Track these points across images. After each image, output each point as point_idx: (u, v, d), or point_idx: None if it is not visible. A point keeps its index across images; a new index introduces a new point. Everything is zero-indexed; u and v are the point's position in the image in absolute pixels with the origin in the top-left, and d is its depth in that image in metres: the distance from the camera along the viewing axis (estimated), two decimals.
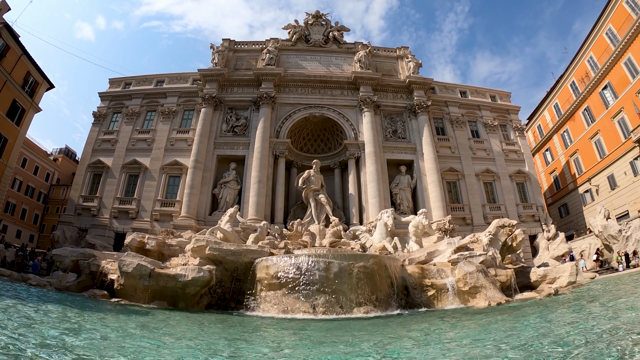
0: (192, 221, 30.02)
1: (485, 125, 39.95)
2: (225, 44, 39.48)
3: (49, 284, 16.43)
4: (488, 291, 15.06)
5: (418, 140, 35.44)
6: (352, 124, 35.81)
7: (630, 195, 34.91)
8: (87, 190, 34.45)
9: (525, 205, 36.23)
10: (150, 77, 41.11)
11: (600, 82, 39.06)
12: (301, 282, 14.16)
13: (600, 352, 4.70)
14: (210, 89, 35.94)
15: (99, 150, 36.35)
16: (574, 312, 9.98)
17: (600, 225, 27.44)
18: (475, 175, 36.56)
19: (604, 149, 39.24)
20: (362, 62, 37.89)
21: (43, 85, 37.72)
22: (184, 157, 34.44)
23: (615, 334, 5.82)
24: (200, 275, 14.86)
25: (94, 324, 8.40)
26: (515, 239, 20.47)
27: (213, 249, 16.82)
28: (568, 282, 16.71)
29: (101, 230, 32.05)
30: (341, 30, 41.42)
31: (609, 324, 7.01)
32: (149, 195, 33.47)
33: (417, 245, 23.77)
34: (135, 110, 38.15)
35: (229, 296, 16.16)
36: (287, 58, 39.51)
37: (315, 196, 30.51)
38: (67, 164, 66.66)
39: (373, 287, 14.56)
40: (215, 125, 35.40)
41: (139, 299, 14.92)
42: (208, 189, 32.81)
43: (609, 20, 37.30)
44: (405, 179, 34.08)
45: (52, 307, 10.17)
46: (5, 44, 31.83)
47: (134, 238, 21.74)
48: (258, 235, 23.62)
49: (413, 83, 37.28)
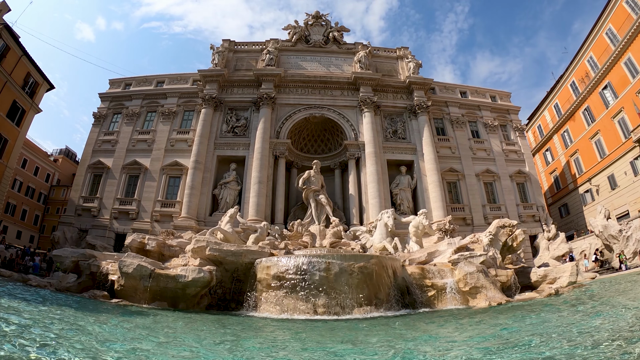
0: (192, 222, 30.03)
1: (486, 125, 39.94)
2: (225, 44, 39.50)
3: (49, 284, 16.41)
4: (488, 291, 15.06)
5: (418, 141, 35.45)
6: (352, 125, 35.81)
7: (630, 195, 34.89)
8: (87, 191, 34.45)
9: (525, 205, 36.21)
10: (151, 77, 41.14)
11: (600, 82, 39.03)
12: (301, 283, 14.15)
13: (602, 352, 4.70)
14: (210, 89, 35.96)
15: (99, 151, 36.36)
16: (574, 312, 9.97)
17: (601, 225, 27.37)
18: (476, 175, 36.54)
19: (604, 148, 39.22)
20: (362, 63, 37.91)
21: (43, 86, 37.71)
22: (184, 157, 34.44)
23: (617, 334, 5.81)
24: (201, 276, 14.86)
25: (92, 325, 8.40)
26: (515, 239, 20.45)
27: (213, 249, 16.81)
28: (568, 282, 16.70)
29: (101, 231, 32.05)
30: (341, 30, 41.43)
31: (609, 324, 7.00)
32: (149, 196, 33.47)
33: (418, 246, 23.76)
34: (136, 111, 38.15)
35: (230, 297, 16.14)
36: (287, 59, 39.52)
37: (315, 197, 30.51)
38: (68, 164, 66.67)
39: (373, 287, 14.55)
40: (216, 126, 35.42)
41: (139, 299, 14.92)
42: (208, 189, 32.81)
43: (609, 20, 37.28)
44: (406, 180, 34.07)
45: (52, 308, 10.16)
46: (6, 44, 31.83)
47: (134, 239, 21.73)
48: (258, 236, 23.62)
49: (413, 83, 37.29)
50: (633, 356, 4.34)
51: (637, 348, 4.63)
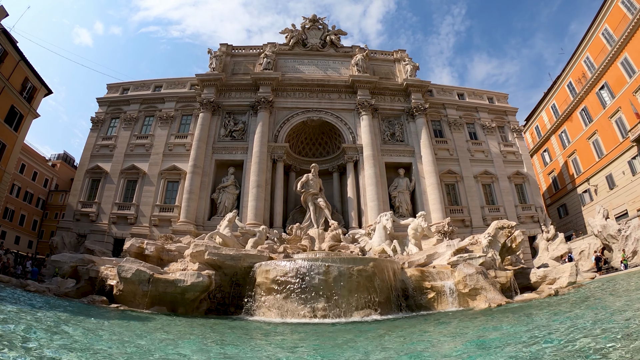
0: (191, 226, 29.97)
1: (483, 127, 40.02)
2: (223, 48, 39.55)
3: (48, 290, 16.32)
4: (488, 293, 15.04)
5: (416, 143, 35.50)
6: (350, 128, 35.85)
7: (628, 194, 34.96)
8: (85, 196, 34.36)
9: (524, 206, 36.23)
10: (148, 82, 41.14)
11: (597, 83, 39.19)
12: (301, 287, 14.12)
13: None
14: (208, 93, 35.98)
15: (98, 155, 36.29)
16: (574, 312, 9.96)
17: (600, 225, 27.41)
18: (474, 177, 36.56)
19: (601, 148, 39.32)
20: (360, 66, 37.99)
21: (41, 91, 37.70)
22: (183, 162, 34.39)
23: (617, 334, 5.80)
24: (200, 281, 14.82)
25: (90, 329, 8.35)
26: (514, 240, 20.46)
27: (212, 254, 16.78)
28: (568, 283, 16.71)
29: (100, 235, 31.95)
30: (338, 34, 41.52)
31: (609, 323, 6.99)
32: (147, 200, 33.38)
33: (417, 248, 23.74)
34: (134, 115, 38.12)
35: (229, 301, 16.08)
36: (285, 62, 39.61)
37: (314, 200, 30.48)
38: (66, 169, 66.59)
39: (373, 290, 14.52)
40: (214, 130, 35.42)
41: (138, 304, 14.87)
42: (207, 193, 32.77)
43: (605, 21, 37.49)
44: (404, 182, 34.09)
45: (50, 314, 10.11)
46: (3, 49, 31.82)
47: (132, 243, 21.61)
48: (257, 240, 23.54)
49: (410, 86, 37.38)
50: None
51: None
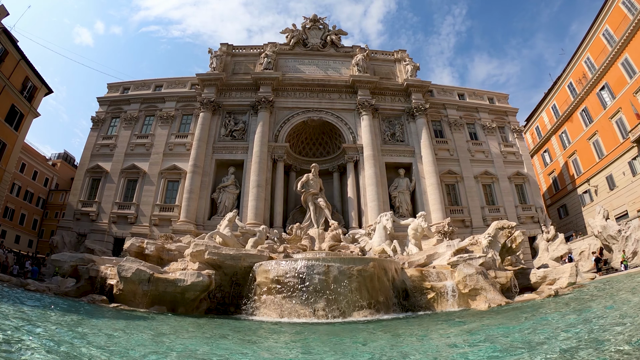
0: (191, 226, 29.98)
1: (484, 127, 40.01)
2: (224, 48, 39.55)
3: (48, 289, 16.34)
4: (488, 293, 15.04)
5: (416, 143, 35.50)
6: (351, 128, 35.85)
7: (629, 195, 34.94)
8: (85, 195, 34.37)
9: (524, 206, 36.21)
10: (149, 81, 41.13)
11: (597, 83, 39.16)
12: (301, 286, 14.12)
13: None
14: (208, 93, 35.99)
15: (98, 155, 36.29)
16: (574, 312, 9.96)
17: (600, 225, 27.38)
18: (474, 177, 36.54)
19: (602, 149, 39.29)
20: (360, 66, 37.99)
21: (42, 90, 37.72)
22: (183, 161, 34.39)
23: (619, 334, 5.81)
24: (200, 280, 14.82)
25: (90, 329, 8.36)
26: (514, 241, 20.45)
27: (212, 253, 16.78)
28: (568, 283, 16.70)
29: (100, 235, 31.95)
30: (339, 34, 41.51)
31: (609, 324, 7.00)
32: (147, 200, 33.38)
33: (417, 248, 23.74)
34: (134, 115, 38.13)
35: (229, 301, 16.09)
36: (285, 62, 39.61)
37: (314, 200, 30.48)
38: (66, 169, 66.60)
39: (373, 290, 14.53)
40: (214, 130, 35.43)
41: (138, 304, 14.87)
42: (207, 193, 32.78)
43: (606, 21, 37.45)
44: (404, 182, 34.08)
45: (50, 313, 10.12)
46: (4, 48, 31.83)
47: (132, 243, 21.62)
48: (257, 240, 23.54)
49: (411, 86, 37.38)
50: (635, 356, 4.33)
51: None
